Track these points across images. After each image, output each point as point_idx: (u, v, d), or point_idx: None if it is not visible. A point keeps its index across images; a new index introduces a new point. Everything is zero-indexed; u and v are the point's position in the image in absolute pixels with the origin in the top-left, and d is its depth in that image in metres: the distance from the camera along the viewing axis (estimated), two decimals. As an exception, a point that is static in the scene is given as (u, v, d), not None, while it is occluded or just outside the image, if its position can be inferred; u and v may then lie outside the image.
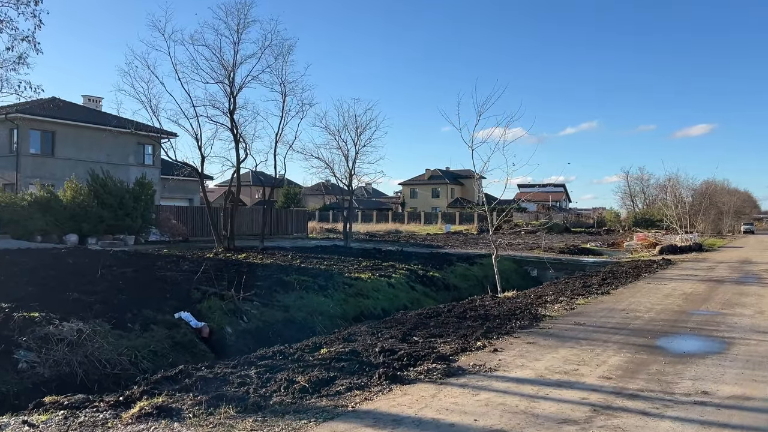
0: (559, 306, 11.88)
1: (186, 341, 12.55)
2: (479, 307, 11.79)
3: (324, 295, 17.32)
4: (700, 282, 16.89)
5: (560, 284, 16.96)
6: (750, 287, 15.75)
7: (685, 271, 20.71)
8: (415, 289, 20.83)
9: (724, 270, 21.17)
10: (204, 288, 15.37)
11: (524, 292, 15.09)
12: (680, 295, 13.89)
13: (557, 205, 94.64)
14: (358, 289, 18.73)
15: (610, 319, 10.24)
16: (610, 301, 12.64)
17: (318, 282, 18.22)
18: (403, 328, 9.38)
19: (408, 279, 21.37)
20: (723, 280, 17.66)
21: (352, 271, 20.84)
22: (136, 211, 30.20)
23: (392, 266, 22.70)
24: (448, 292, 22.45)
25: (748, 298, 13.41)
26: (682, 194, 66.02)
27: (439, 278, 22.83)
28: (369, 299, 18.50)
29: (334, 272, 19.93)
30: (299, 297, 16.67)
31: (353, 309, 17.46)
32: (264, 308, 15.23)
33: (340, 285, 18.47)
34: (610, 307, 11.77)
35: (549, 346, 8.02)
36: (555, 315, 10.74)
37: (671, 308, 11.67)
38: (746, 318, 10.65)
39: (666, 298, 13.30)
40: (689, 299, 13.11)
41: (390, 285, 19.99)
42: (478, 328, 9.34)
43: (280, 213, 41.74)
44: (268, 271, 18.76)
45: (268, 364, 7.17)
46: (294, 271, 19.26)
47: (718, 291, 14.80)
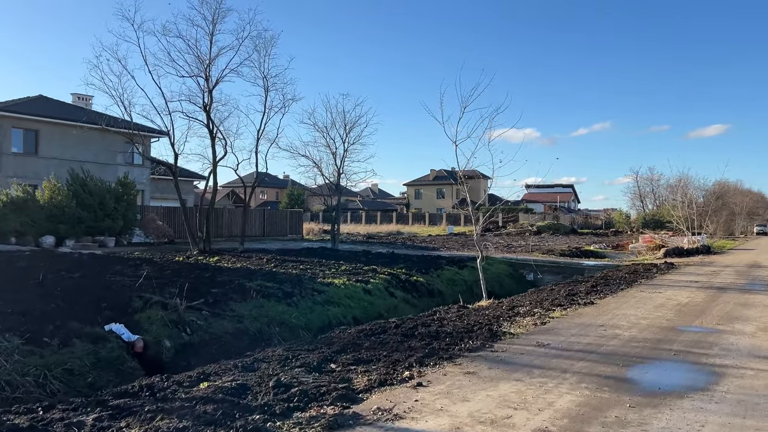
0: (530, 320, 10.19)
1: (112, 357, 11.01)
2: (437, 321, 10.13)
3: (288, 303, 15.75)
4: (700, 290, 15.09)
5: (544, 292, 15.25)
6: (755, 296, 13.93)
7: (686, 276, 18.86)
8: (394, 295, 19.17)
9: (729, 275, 19.30)
10: (148, 296, 13.84)
11: (500, 302, 13.39)
12: (674, 306, 12.12)
13: (565, 206, 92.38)
14: (329, 296, 17.12)
15: (582, 339, 8.53)
16: (590, 314, 10.92)
17: (284, 288, 16.67)
18: (329, 350, 7.75)
19: (388, 284, 19.73)
20: (726, 287, 15.83)
21: (327, 275, 19.25)
22: (117, 212, 28.79)
23: (373, 270, 21.07)
24: (432, 298, 20.78)
25: (751, 311, 11.62)
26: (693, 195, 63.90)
27: (422, 283, 21.16)
28: (339, 307, 16.88)
29: (306, 277, 18.34)
30: (258, 305, 15.12)
31: (319, 318, 15.87)
32: (213, 318, 13.69)
33: (308, 292, 16.89)
34: (588, 321, 10.05)
35: (490, 379, 6.35)
36: (519, 332, 9.06)
37: (659, 323, 9.93)
38: (745, 337, 8.89)
39: (656, 309, 11.54)
40: (682, 312, 11.35)
41: (366, 291, 18.36)
42: (419, 350, 7.70)
43: (274, 214, 40.20)
44: (231, 276, 17.21)
45: (120, 405, 5.57)
46: (261, 276, 17.70)
47: (718, 301, 13.01)
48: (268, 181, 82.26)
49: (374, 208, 78.06)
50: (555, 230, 57.32)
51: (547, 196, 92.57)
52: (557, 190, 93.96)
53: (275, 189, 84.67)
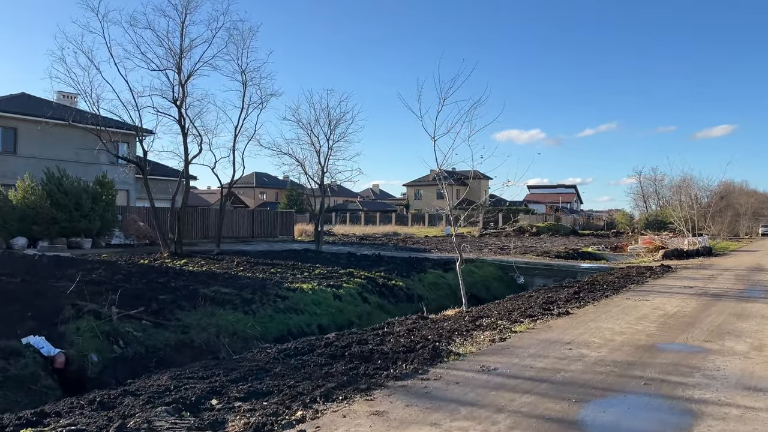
0: (489, 335, 8.74)
1: (26, 374, 9.66)
2: (381, 336, 8.68)
3: (244, 311, 14.36)
4: (693, 297, 13.56)
5: (521, 299, 13.77)
6: (753, 305, 12.40)
7: (680, 281, 17.32)
8: (368, 301, 17.74)
9: (727, 280, 17.74)
10: (82, 304, 12.49)
11: (468, 311, 11.93)
12: (659, 317, 10.62)
13: (568, 207, 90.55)
14: (293, 302, 15.72)
15: (539, 361, 7.07)
16: (561, 327, 9.44)
17: (243, 295, 15.30)
18: (225, 377, 6.33)
19: (363, 289, 18.31)
20: (722, 294, 14.29)
21: (296, 280, 17.86)
22: (94, 213, 27.51)
23: (350, 274, 19.66)
24: (411, 303, 19.33)
25: (746, 323, 10.12)
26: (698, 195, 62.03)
27: (401, 288, 19.71)
28: (303, 315, 15.48)
29: (271, 282, 16.95)
30: (209, 314, 13.75)
31: (278, 327, 14.47)
32: (154, 329, 12.32)
33: (270, 298, 15.49)
34: (555, 337, 8.58)
35: (400, 423, 4.91)
36: (468, 352, 7.60)
37: (636, 340, 8.45)
38: (736, 359, 7.41)
39: (638, 322, 10.05)
40: (667, 324, 9.85)
41: (336, 297, 16.93)
42: (336, 377, 6.28)
43: (263, 215, 38.84)
44: (187, 282, 15.82)
45: None
46: (221, 282, 16.33)
47: (711, 311, 11.49)
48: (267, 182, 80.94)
49: (374, 209, 76.61)
50: (555, 231, 55.69)
51: (550, 197, 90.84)
52: (560, 191, 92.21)
53: (275, 190, 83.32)
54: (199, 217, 34.59)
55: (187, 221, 33.99)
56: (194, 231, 34.35)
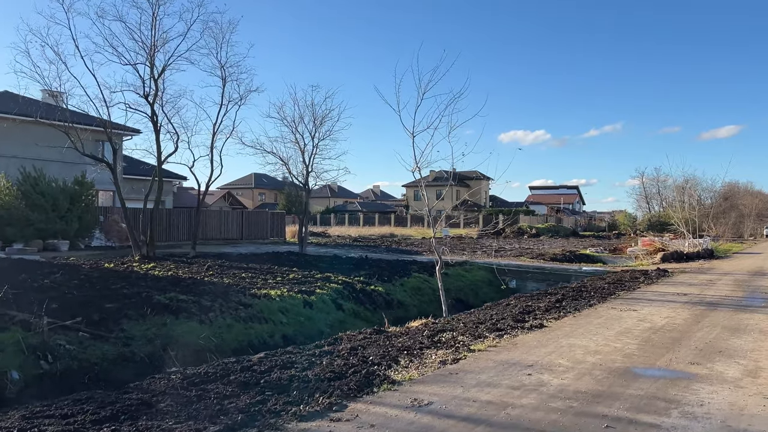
0: (442, 354, 7.50)
1: (-71, 396, 8.55)
2: (314, 356, 7.45)
3: (200, 321, 13.21)
4: (686, 306, 12.26)
5: (497, 307, 12.49)
6: (752, 316, 11.09)
7: (675, 287, 16.00)
8: (342, 308, 16.55)
9: (726, 285, 16.40)
10: (12, 313, 11.36)
11: (435, 322, 10.68)
12: (644, 331, 9.34)
13: (570, 208, 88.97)
14: (257, 310, 14.55)
15: (484, 393, 5.82)
16: (527, 345, 8.18)
17: (202, 302, 14.14)
18: (93, 417, 5.12)
19: (338, 295, 17.11)
20: (718, 302, 12.97)
21: (266, 285, 16.69)
22: (71, 214, 26.43)
23: (327, 279, 18.47)
24: (390, 310, 18.10)
25: (741, 339, 8.83)
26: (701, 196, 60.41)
27: (380, 293, 18.50)
28: (267, 324, 14.30)
29: (236, 288, 15.78)
30: (160, 323, 12.60)
31: (237, 338, 13.30)
32: (92, 341, 11.17)
33: (232, 306, 14.33)
34: (516, 358, 7.32)
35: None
36: (406, 379, 6.35)
37: (610, 362, 7.19)
38: (725, 389, 6.13)
39: (618, 338, 8.77)
40: (651, 341, 8.57)
41: (307, 304, 15.75)
42: (234, 414, 5.05)
43: (253, 216, 37.68)
44: (143, 288, 14.64)
45: None
46: (181, 288, 15.15)
47: (703, 323, 10.20)
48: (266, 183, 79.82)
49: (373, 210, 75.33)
50: (555, 233, 54.30)
51: (551, 198, 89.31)
52: (561, 192, 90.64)
53: (274, 191, 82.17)
54: (185, 218, 33.45)
55: (172, 223, 32.93)
56: (179, 233, 33.23)
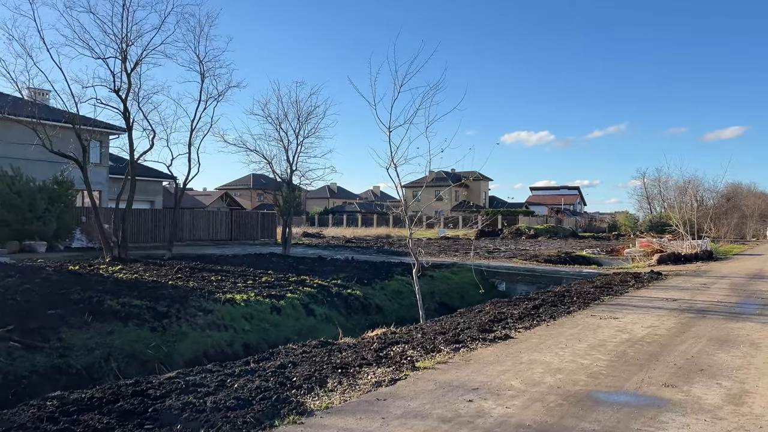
0: (381, 373, 6.49)
1: None
2: (231, 377, 6.45)
3: (151, 328, 12.23)
4: (673, 313, 11.19)
5: (468, 314, 11.45)
6: (743, 325, 10.02)
7: (665, 291, 14.91)
8: (314, 313, 15.53)
9: (721, 289, 15.31)
10: (-62, 322, 10.43)
11: (394, 332, 9.65)
12: (619, 344, 8.30)
13: (571, 209, 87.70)
14: (218, 317, 13.57)
15: (406, 428, 4.79)
16: (482, 362, 7.15)
17: (158, 307, 13.18)
18: None
19: (311, 300, 16.11)
20: (709, 309, 11.90)
21: (235, 289, 15.72)
22: (50, 214, 25.54)
23: (301, 282, 17.50)
24: (367, 315, 17.12)
25: (728, 354, 7.78)
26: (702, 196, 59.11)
27: (358, 297, 17.50)
28: (227, 331, 13.31)
29: (200, 292, 14.82)
30: (105, 332, 11.64)
31: (192, 347, 12.32)
32: (23, 352, 10.20)
33: (190, 312, 13.35)
34: (462, 379, 6.29)
35: None
36: (322, 407, 5.31)
37: (571, 385, 6.16)
38: (700, 421, 5.08)
39: (588, 352, 7.73)
40: (625, 357, 7.53)
41: (275, 309, 14.76)
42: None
43: (243, 217, 36.73)
44: (99, 292, 13.66)
45: None
46: (139, 292, 14.18)
47: (689, 334, 9.14)
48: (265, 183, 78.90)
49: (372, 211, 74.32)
50: (553, 234, 53.16)
51: (552, 198, 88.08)
52: (562, 192, 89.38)
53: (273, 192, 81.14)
54: (170, 219, 32.49)
55: (158, 224, 32.01)
56: (165, 234, 32.28)
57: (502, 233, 53.94)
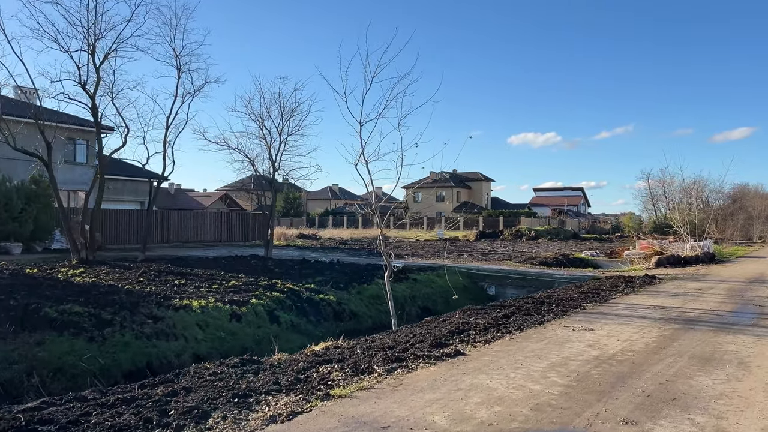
0: (285, 402, 5.33)
1: None
2: (102, 408, 5.33)
3: (90, 338, 11.19)
4: (657, 324, 9.96)
5: (431, 323, 10.27)
6: (734, 338, 8.77)
7: (655, 297, 13.65)
8: (279, 320, 14.41)
9: (716, 296, 14.02)
10: None
11: (336, 346, 8.49)
12: (584, 363, 7.10)
13: (574, 210, 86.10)
14: (168, 324, 12.50)
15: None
16: (414, 386, 5.98)
17: (103, 315, 12.14)
18: None
19: (278, 305, 15.00)
20: (699, 318, 10.65)
21: (196, 294, 14.66)
22: (26, 215, 24.58)
23: (271, 286, 16.39)
24: (339, 322, 15.97)
25: (710, 376, 6.57)
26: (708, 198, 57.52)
27: (330, 303, 16.36)
28: (177, 341, 12.24)
29: (154, 298, 13.76)
30: (34, 343, 10.64)
31: (134, 358, 11.25)
32: (-71, 366, 9.15)
33: (138, 319, 12.29)
34: (375, 413, 5.11)
35: None
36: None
37: (506, 421, 4.97)
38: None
39: (544, 375, 6.53)
40: (586, 380, 6.34)
41: (235, 317, 13.65)
42: None
43: (233, 218, 35.67)
44: (40, 298, 12.61)
45: None
46: (86, 298, 13.12)
47: (669, 350, 7.92)
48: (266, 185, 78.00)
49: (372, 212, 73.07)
50: (555, 235, 51.78)
51: (555, 200, 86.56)
52: (566, 194, 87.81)
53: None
54: (158, 220, 31.54)
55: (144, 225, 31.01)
56: (154, 235, 31.29)
57: (503, 235, 52.64)
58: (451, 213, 73.15)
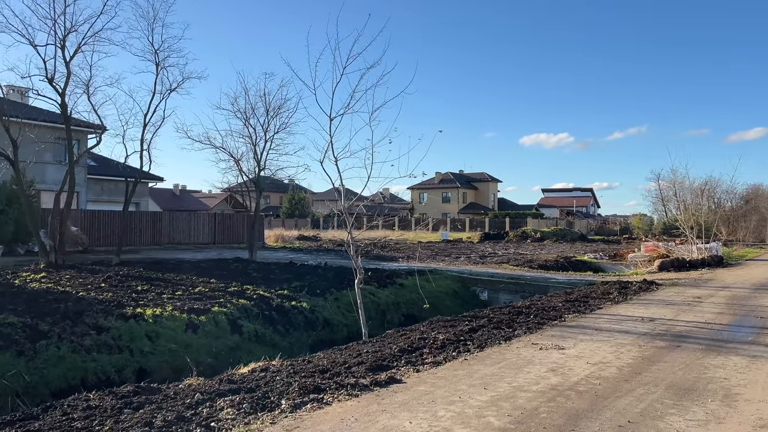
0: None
1: None
2: None
3: (19, 351, 10.19)
4: (638, 342, 8.69)
5: (391, 338, 9.12)
6: (725, 360, 7.50)
7: (647, 307, 12.34)
8: (242, 330, 13.30)
9: (714, 306, 12.68)
10: None
11: (264, 368, 7.37)
12: (535, 396, 5.89)
13: (583, 211, 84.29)
14: (114, 336, 11.47)
15: None
16: (313, 429, 4.86)
17: (40, 326, 11.19)
18: None
19: (243, 314, 13.91)
20: (689, 334, 9.36)
21: (155, 302, 13.62)
22: (6, 216, 23.77)
23: (239, 293, 15.33)
24: (312, 331, 14.83)
25: (685, 416, 5.30)
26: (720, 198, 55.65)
27: (303, 310, 15.23)
28: (121, 353, 11.20)
29: (107, 306, 12.74)
30: (-49, 357, 9.55)
31: (65, 374, 10.21)
32: None
33: (80, 331, 11.27)
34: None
35: None
36: None
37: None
38: None
39: (480, 413, 5.33)
40: (530, 421, 5.12)
41: (191, 327, 12.58)
42: None
43: (228, 219, 34.67)
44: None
45: None
46: (28, 306, 12.13)
47: (643, 377, 6.68)
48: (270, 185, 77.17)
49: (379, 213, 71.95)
50: (561, 237, 50.27)
51: (564, 201, 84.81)
52: (575, 194, 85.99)
53: (279, 194, 79.26)
54: (149, 222, 30.64)
55: (134, 227, 30.12)
56: (144, 237, 30.43)
57: (508, 236, 51.24)
58: (457, 214, 71.74)
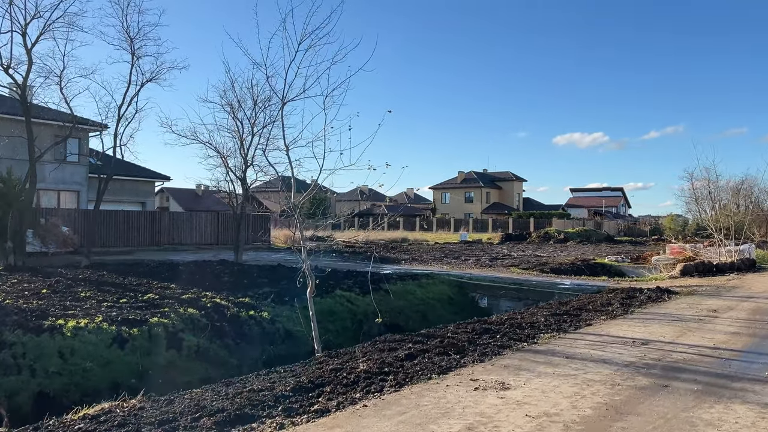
0: None
1: None
2: None
3: None
4: (616, 377, 6.56)
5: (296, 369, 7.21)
6: (724, 412, 5.33)
7: (647, 324, 10.09)
8: (181, 345, 11.57)
9: (731, 322, 10.35)
10: None
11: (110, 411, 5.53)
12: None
13: (613, 211, 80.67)
14: (17, 353, 9.94)
15: None
16: None
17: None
18: None
19: (188, 325, 12.17)
20: (685, 366, 7.15)
21: (88, 311, 11.98)
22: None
23: (194, 300, 13.67)
24: (269, 345, 13.01)
25: None
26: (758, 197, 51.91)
27: (261, 321, 13.45)
28: (20, 374, 9.62)
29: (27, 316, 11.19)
30: None
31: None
32: None
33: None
34: None
35: None
36: None
37: None
38: None
39: None
40: None
41: (119, 341, 10.88)
42: None
43: (229, 219, 33.22)
44: None
45: None
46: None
47: None
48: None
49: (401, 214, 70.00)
50: (585, 238, 47.46)
51: (593, 200, 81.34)
52: (605, 194, 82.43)
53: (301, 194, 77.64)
54: (148, 222, 29.32)
55: (131, 227, 28.87)
56: (142, 238, 29.11)
57: (530, 237, 48.68)
58: (480, 214, 69.21)
